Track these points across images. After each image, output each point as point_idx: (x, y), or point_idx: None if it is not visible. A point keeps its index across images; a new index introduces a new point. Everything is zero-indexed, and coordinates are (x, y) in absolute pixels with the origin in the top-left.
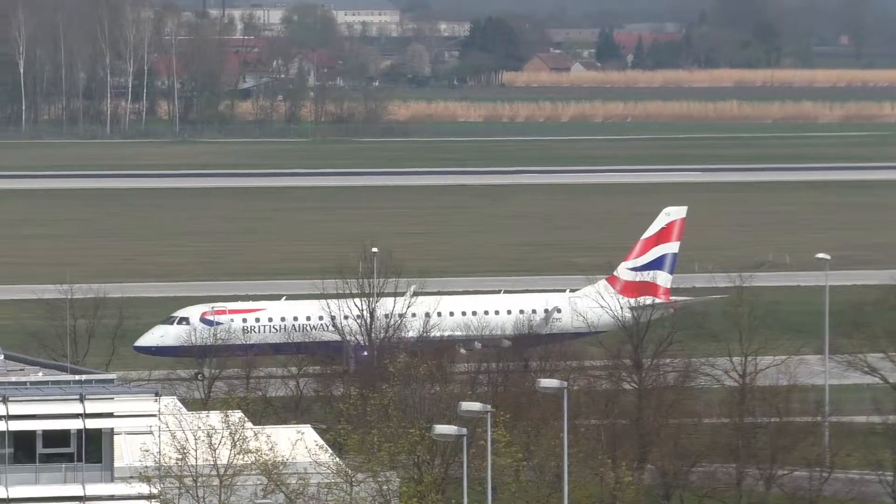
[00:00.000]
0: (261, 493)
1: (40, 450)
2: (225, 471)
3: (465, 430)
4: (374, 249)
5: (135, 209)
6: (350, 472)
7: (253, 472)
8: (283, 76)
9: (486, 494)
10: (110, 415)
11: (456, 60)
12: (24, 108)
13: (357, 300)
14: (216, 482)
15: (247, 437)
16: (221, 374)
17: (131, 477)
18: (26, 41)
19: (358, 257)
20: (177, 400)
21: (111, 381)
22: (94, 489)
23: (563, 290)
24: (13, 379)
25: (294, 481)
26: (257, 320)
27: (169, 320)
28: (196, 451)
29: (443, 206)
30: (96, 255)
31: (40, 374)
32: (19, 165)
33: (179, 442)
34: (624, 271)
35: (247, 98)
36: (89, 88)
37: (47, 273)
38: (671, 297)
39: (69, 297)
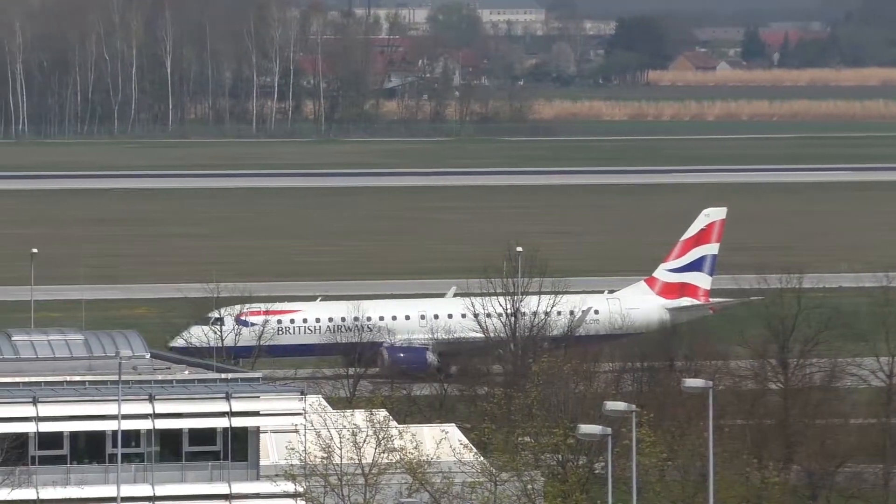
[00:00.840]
0: (405, 492)
1: (186, 448)
2: (370, 469)
3: (609, 430)
4: (519, 249)
5: (281, 208)
6: (494, 471)
7: (397, 470)
8: (428, 75)
9: (630, 494)
10: (256, 413)
11: (601, 59)
12: (170, 107)
13: (501, 298)
14: (361, 481)
15: (391, 436)
16: (366, 373)
17: (277, 475)
18: (173, 40)
19: (502, 257)
20: (322, 398)
21: (257, 379)
22: (239, 487)
23: (602, 292)
24: (159, 377)
25: (438, 480)
26: (292, 321)
27: (204, 320)
28: (341, 449)
29: (587, 205)
30: (242, 254)
31: (186, 372)
32: (166, 164)
33: (324, 440)
34: (663, 272)
35: (392, 97)
36: (235, 88)
37: (194, 272)
38: (710, 299)
39: (215, 295)
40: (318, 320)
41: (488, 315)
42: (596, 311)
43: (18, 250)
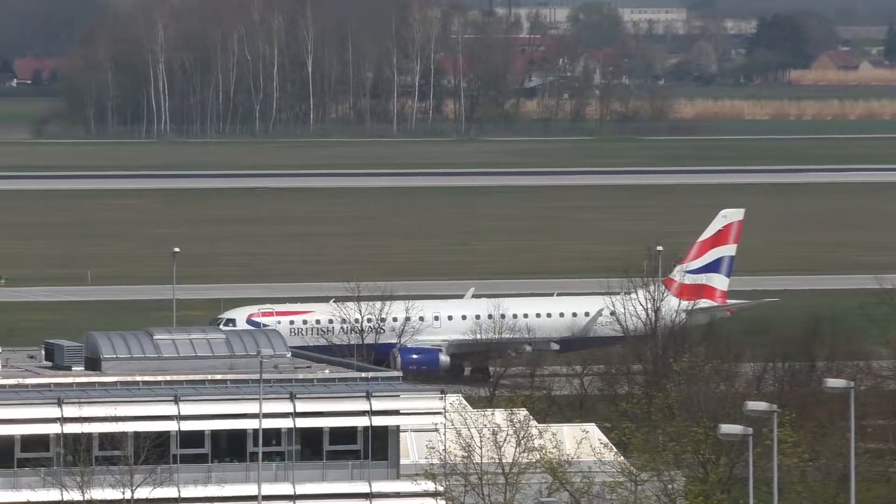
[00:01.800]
0: (545, 491)
1: (327, 447)
2: (510, 469)
3: (750, 430)
4: (659, 248)
5: (422, 207)
6: (634, 470)
7: (537, 470)
8: (568, 74)
9: (771, 495)
10: (396, 412)
11: (742, 58)
12: (311, 106)
13: (642, 298)
14: (501, 480)
15: (532, 436)
16: (507, 373)
17: (417, 474)
18: (314, 40)
19: (643, 256)
20: (462, 397)
21: (397, 378)
22: (380, 486)
23: (618, 293)
24: (300, 376)
25: (578, 480)
26: (304, 322)
27: (215, 322)
28: (481, 448)
29: (727, 204)
30: (383, 254)
31: (327, 371)
32: (307, 164)
33: (465, 439)
34: (680, 274)
35: (532, 97)
36: (376, 87)
37: (335, 271)
38: (728, 301)
39: (357, 294)
40: (330, 321)
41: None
42: (612, 313)
43: (160, 249)
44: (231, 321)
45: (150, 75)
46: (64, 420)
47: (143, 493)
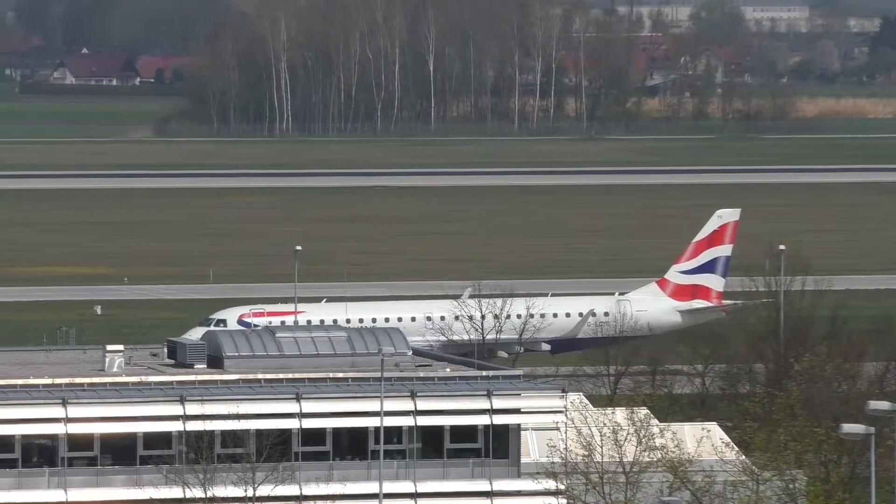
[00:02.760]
0: (666, 490)
1: (448, 445)
2: (631, 468)
3: (872, 430)
4: (782, 247)
5: (541, 206)
6: (756, 470)
7: (658, 469)
8: (690, 73)
9: (894, 494)
10: (517, 411)
11: (865, 56)
12: (433, 105)
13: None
14: (622, 479)
15: (653, 434)
16: (627, 371)
17: (537, 473)
18: (436, 38)
19: (765, 255)
20: (583, 396)
21: (518, 377)
22: (500, 485)
23: (612, 294)
24: (421, 374)
25: (700, 479)
26: (296, 323)
27: (206, 322)
28: (602, 447)
29: (851, 203)
30: (502, 252)
31: (448, 369)
32: (427, 163)
33: (585, 438)
34: (674, 274)
35: (654, 95)
36: (497, 86)
37: (455, 269)
38: (723, 301)
39: (478, 293)
40: (322, 322)
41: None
42: (606, 314)
43: (282, 247)
44: (222, 321)
45: (272, 74)
46: (186, 418)
47: (264, 490)
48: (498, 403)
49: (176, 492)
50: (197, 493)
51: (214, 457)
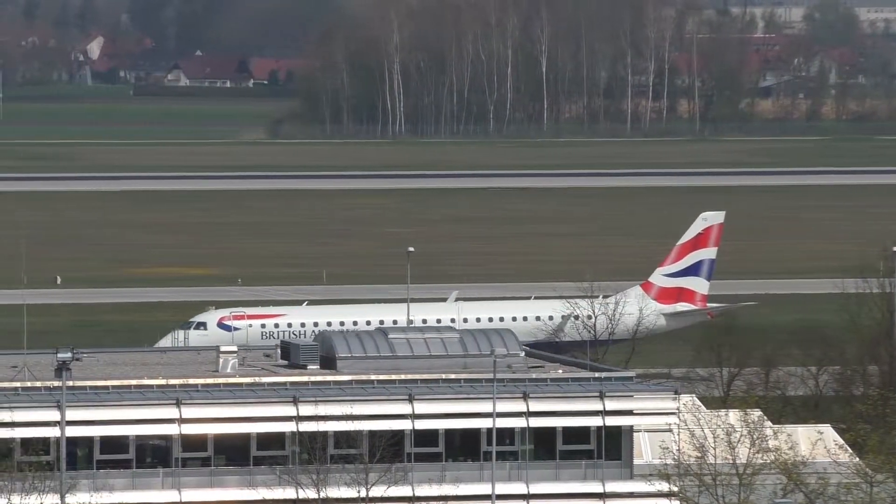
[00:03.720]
0: (780, 492)
1: (560, 447)
2: (744, 470)
3: None
4: None
5: (653, 208)
6: (870, 472)
7: (772, 471)
8: (803, 74)
9: None
10: (630, 412)
11: None
12: (545, 106)
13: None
14: (735, 481)
15: (766, 436)
16: (740, 372)
17: (650, 474)
18: (548, 40)
19: (879, 256)
20: (695, 398)
21: (630, 378)
22: (613, 486)
23: (597, 297)
24: (533, 376)
25: (813, 481)
26: (276, 326)
27: (186, 325)
28: (715, 449)
29: None
30: (615, 253)
31: (560, 370)
32: (540, 164)
33: (698, 440)
34: (659, 277)
35: (767, 96)
36: (610, 87)
37: (568, 270)
38: (708, 304)
39: (589, 294)
40: (302, 325)
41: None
42: (589, 317)
43: (395, 248)
44: (202, 324)
45: (385, 75)
46: (300, 418)
47: (377, 491)
48: (611, 405)
49: (289, 492)
50: (310, 493)
51: (327, 457)
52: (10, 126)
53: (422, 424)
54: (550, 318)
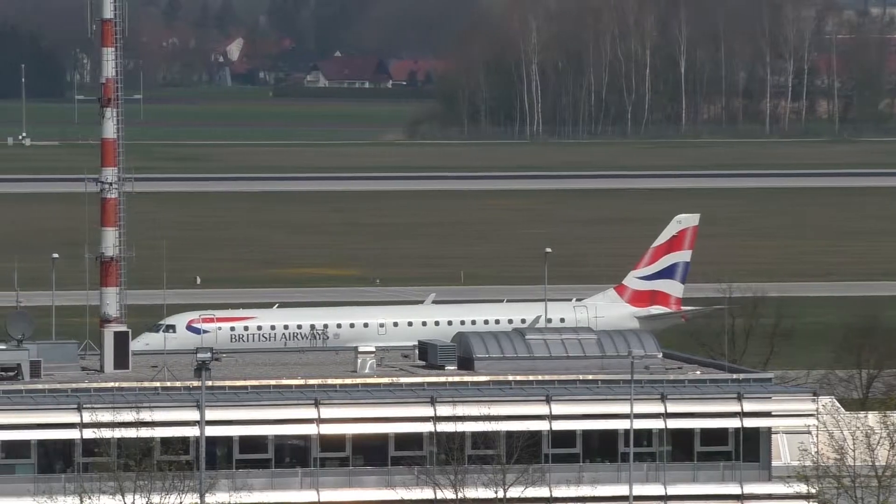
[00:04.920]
0: None
1: (698, 448)
2: (883, 472)
3: None
4: None
5: (793, 208)
6: None
7: None
8: None
9: None
10: (768, 414)
11: None
12: (683, 107)
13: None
14: (874, 483)
15: None
16: (880, 374)
17: (788, 476)
18: (687, 41)
19: None
20: (834, 399)
21: (769, 380)
22: (751, 488)
23: (569, 300)
24: (671, 377)
25: None
26: (246, 329)
27: (155, 328)
28: (854, 451)
29: None
30: (754, 254)
31: (698, 372)
32: (678, 165)
33: (837, 442)
34: (632, 280)
35: None
36: (749, 87)
37: (706, 272)
38: (682, 307)
39: (727, 295)
40: (273, 328)
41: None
42: (562, 320)
43: (533, 249)
44: (171, 327)
45: (522, 76)
46: (437, 419)
47: (515, 492)
48: (749, 406)
49: (427, 493)
50: (447, 494)
51: (465, 458)
52: (150, 127)
53: (559, 425)
54: (523, 321)
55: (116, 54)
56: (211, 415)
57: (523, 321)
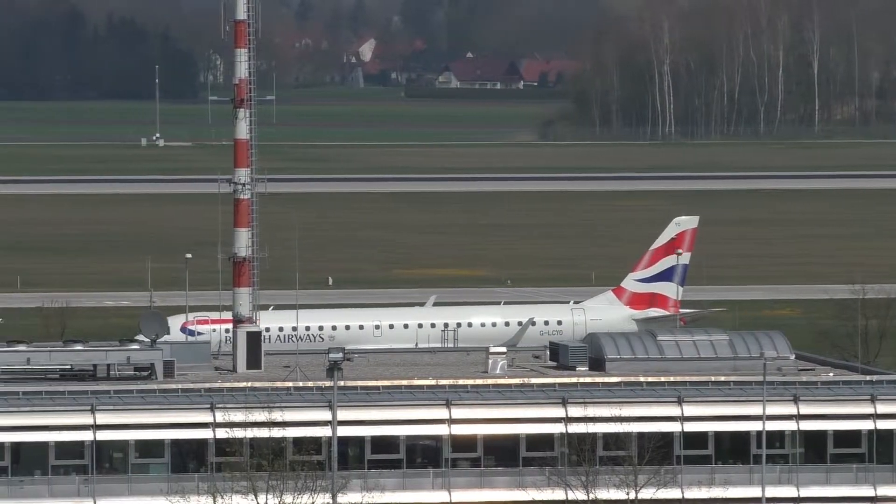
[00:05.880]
0: None
1: (831, 450)
2: None
3: None
4: None
5: None
6: None
7: None
8: None
9: None
10: None
11: None
12: (816, 108)
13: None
14: None
15: None
16: None
17: None
18: (820, 40)
19: None
20: None
21: None
22: (885, 490)
23: (567, 302)
24: (804, 379)
25: None
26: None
27: None
28: None
29: None
30: (888, 256)
31: (831, 374)
32: (810, 165)
33: None
34: (631, 282)
35: None
36: (882, 87)
37: (839, 273)
38: (680, 310)
39: (860, 297)
40: (267, 330)
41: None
42: (559, 322)
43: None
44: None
45: (654, 77)
46: (568, 420)
47: (646, 493)
48: (882, 408)
49: (558, 494)
50: (579, 495)
51: (596, 459)
52: (283, 128)
53: (691, 426)
54: (519, 323)
55: (249, 55)
56: (343, 415)
57: (520, 323)
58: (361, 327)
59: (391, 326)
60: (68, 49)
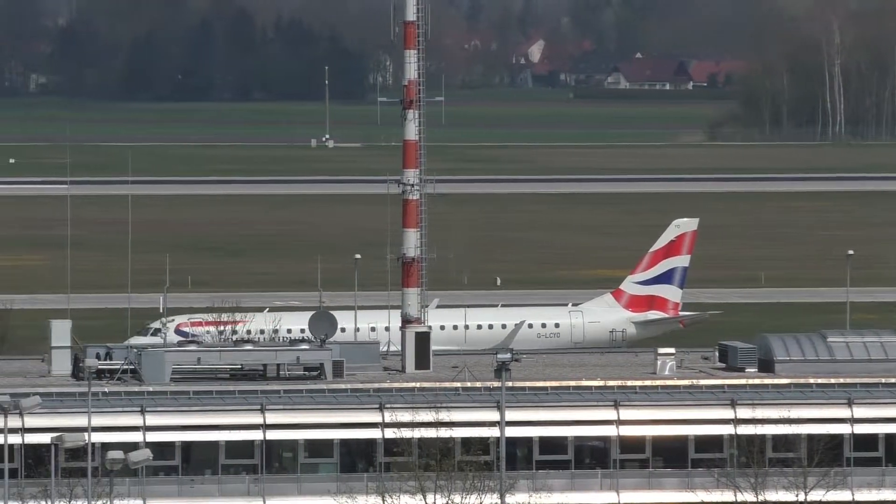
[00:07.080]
0: None
1: None
2: None
3: None
4: None
5: None
6: None
7: None
8: None
9: None
10: None
11: None
12: None
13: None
14: None
15: None
16: None
17: None
18: None
19: None
20: None
21: None
22: None
23: (565, 305)
24: None
25: None
26: (235, 333)
27: (144, 331)
28: None
29: None
30: None
31: None
32: None
33: None
34: (630, 285)
35: None
36: None
37: None
38: (680, 312)
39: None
40: (262, 332)
41: None
42: (556, 325)
43: (834, 251)
44: (159, 330)
45: (825, 77)
46: (737, 421)
47: (815, 495)
48: None
49: (727, 496)
50: (748, 497)
51: (766, 461)
52: (451, 129)
53: (861, 429)
54: (516, 325)
55: (419, 56)
56: (511, 416)
57: (516, 325)
58: (357, 329)
59: (387, 329)
60: (236, 50)
